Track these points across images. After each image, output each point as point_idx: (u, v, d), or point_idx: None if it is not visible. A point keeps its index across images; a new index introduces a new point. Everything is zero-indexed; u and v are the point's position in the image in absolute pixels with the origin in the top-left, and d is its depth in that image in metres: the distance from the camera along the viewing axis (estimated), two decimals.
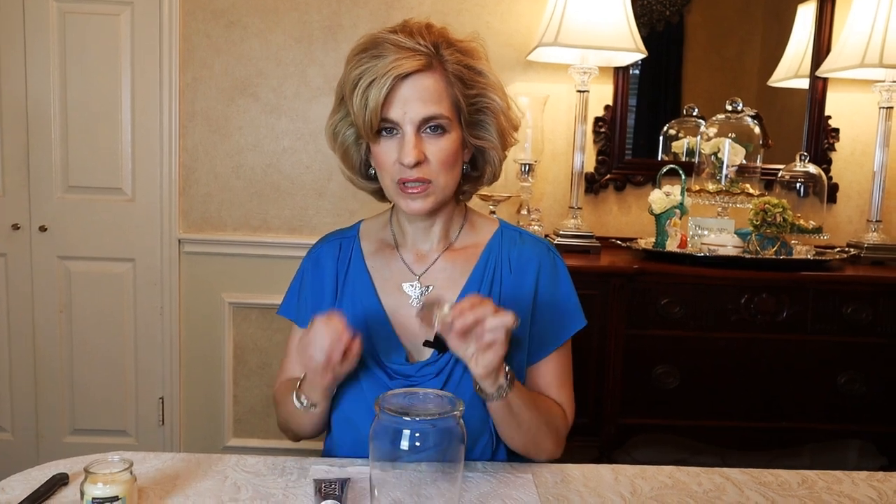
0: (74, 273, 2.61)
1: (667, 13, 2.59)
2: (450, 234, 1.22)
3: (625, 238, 2.49)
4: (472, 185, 1.22)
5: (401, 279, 1.19)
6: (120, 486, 0.86)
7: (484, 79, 1.12)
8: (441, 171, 1.09)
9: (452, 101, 1.09)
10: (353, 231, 1.28)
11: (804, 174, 2.42)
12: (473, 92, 1.11)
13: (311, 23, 2.54)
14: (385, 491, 0.90)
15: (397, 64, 1.03)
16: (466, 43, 1.12)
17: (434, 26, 1.11)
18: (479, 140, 1.14)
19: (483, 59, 1.13)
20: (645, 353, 2.16)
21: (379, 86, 1.03)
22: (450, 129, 1.09)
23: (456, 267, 1.19)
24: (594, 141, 2.59)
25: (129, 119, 2.54)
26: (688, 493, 1.04)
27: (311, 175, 2.60)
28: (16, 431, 2.67)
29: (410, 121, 1.06)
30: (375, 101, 1.03)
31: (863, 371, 2.16)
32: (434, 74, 1.07)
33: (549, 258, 1.21)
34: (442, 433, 0.88)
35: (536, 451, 1.15)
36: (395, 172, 1.09)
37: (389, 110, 1.05)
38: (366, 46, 1.07)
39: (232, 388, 2.68)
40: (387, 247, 1.23)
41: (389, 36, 1.06)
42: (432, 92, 1.06)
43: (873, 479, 1.11)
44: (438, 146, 1.08)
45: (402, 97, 1.05)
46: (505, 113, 1.14)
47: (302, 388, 1.11)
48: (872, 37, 2.26)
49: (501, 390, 1.02)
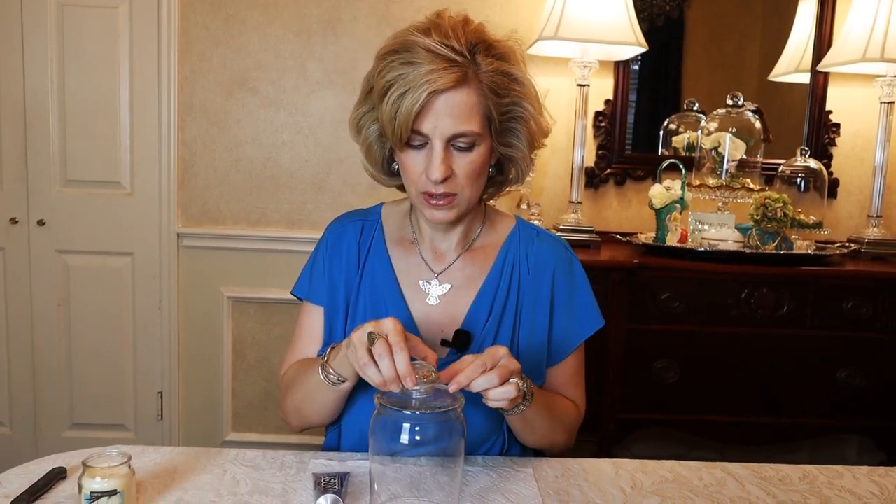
0: (73, 267, 2.60)
1: (667, 8, 2.58)
2: (470, 234, 1.21)
3: (625, 233, 2.48)
4: (497, 188, 1.20)
5: (418, 275, 1.18)
6: (118, 480, 0.86)
7: (519, 86, 1.08)
8: (467, 184, 1.07)
9: (484, 113, 1.05)
10: (375, 214, 1.25)
11: (805, 169, 2.41)
12: (507, 100, 1.07)
13: (310, 16, 2.53)
14: (385, 485, 0.89)
15: (432, 77, 0.98)
16: (504, 44, 1.08)
17: (470, 23, 1.07)
18: (509, 148, 1.12)
19: (520, 62, 1.09)
20: (645, 348, 2.15)
21: (412, 99, 0.99)
22: (479, 143, 1.06)
23: (475, 266, 1.19)
24: (594, 135, 2.59)
25: (127, 112, 2.53)
26: (688, 488, 1.04)
27: (311, 169, 2.59)
28: (14, 426, 2.67)
29: (440, 136, 1.03)
30: (407, 113, 1.00)
31: (863, 366, 2.16)
32: (468, 88, 1.02)
33: (566, 258, 1.21)
34: (442, 427, 0.87)
35: (550, 447, 1.17)
36: (421, 184, 1.07)
37: (421, 123, 1.02)
38: (397, 48, 1.03)
39: (231, 382, 2.68)
40: (406, 240, 1.21)
41: (423, 40, 1.01)
42: (464, 107, 1.02)
43: (874, 475, 1.11)
44: (466, 160, 1.05)
45: (434, 111, 1.01)
46: (536, 120, 1.11)
47: (330, 363, 1.04)
48: (874, 31, 2.25)
49: (518, 409, 1.02)
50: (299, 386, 1.13)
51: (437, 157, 1.03)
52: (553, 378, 1.20)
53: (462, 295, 1.17)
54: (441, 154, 1.03)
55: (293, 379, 1.16)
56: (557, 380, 1.20)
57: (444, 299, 1.16)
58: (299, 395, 1.13)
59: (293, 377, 1.17)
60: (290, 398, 1.16)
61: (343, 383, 1.04)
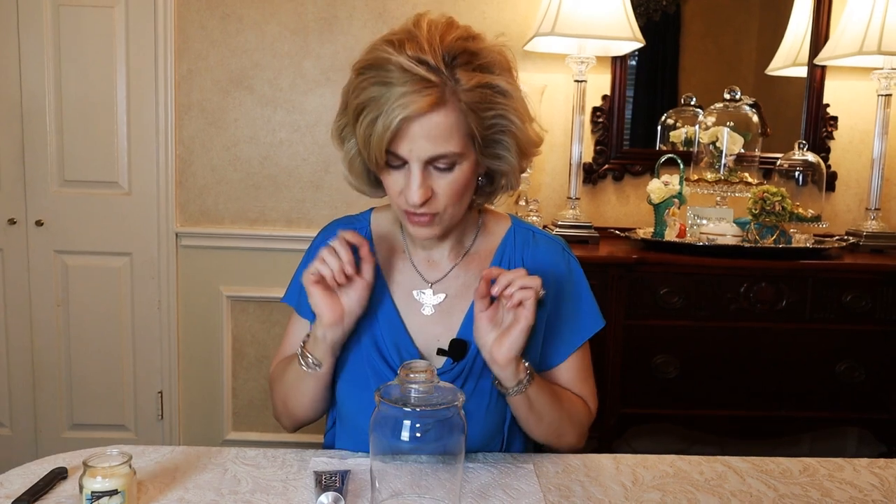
0: (71, 267, 2.60)
1: (663, 3, 2.58)
2: (464, 241, 1.18)
3: (623, 228, 2.48)
4: (487, 197, 1.14)
5: (412, 285, 1.15)
6: (119, 480, 0.86)
7: (505, 98, 1.00)
8: (450, 203, 1.03)
9: (465, 132, 0.99)
10: (364, 221, 1.22)
11: (803, 163, 2.41)
12: (491, 114, 1.00)
13: (307, 14, 2.52)
14: (386, 482, 0.90)
15: (405, 101, 0.93)
16: (488, 52, 1.00)
17: (451, 31, 0.98)
18: (497, 160, 1.06)
19: (507, 70, 1.02)
20: (644, 343, 2.16)
21: (384, 124, 0.94)
22: (461, 162, 1.00)
23: (469, 273, 1.16)
24: (592, 131, 2.58)
25: (124, 112, 2.52)
26: (689, 482, 1.04)
27: (308, 167, 2.59)
28: (14, 426, 2.67)
29: (417, 159, 0.97)
30: (380, 139, 0.95)
31: (862, 359, 2.16)
32: (445, 109, 0.95)
33: (564, 260, 1.19)
34: (442, 424, 0.87)
35: (558, 442, 1.15)
36: (402, 203, 1.03)
37: (396, 146, 0.97)
38: (371, 63, 0.97)
39: (231, 381, 2.68)
40: (397, 248, 1.18)
41: (396, 57, 0.94)
42: (442, 129, 0.96)
43: (874, 466, 1.11)
44: (447, 180, 1.01)
45: (409, 135, 0.96)
46: (524, 131, 1.04)
47: (307, 347, 1.08)
48: (871, 24, 2.25)
49: (521, 385, 1.03)
50: (282, 379, 1.17)
51: (414, 181, 0.99)
52: (557, 377, 1.18)
53: (457, 303, 1.14)
54: (419, 177, 0.98)
55: (277, 375, 1.20)
56: (563, 378, 1.18)
57: (439, 308, 1.14)
58: (284, 388, 1.17)
59: (278, 374, 1.20)
60: (277, 393, 1.19)
61: (319, 368, 1.08)
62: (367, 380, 1.10)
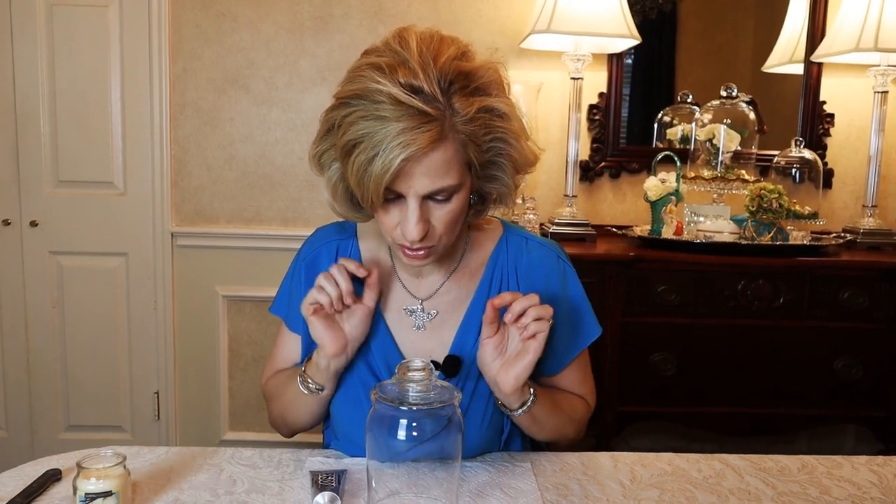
0: (66, 268, 2.59)
1: (659, 1, 2.58)
2: (454, 256, 1.14)
3: (620, 226, 2.48)
4: (477, 215, 1.09)
5: (401, 302, 1.13)
6: (113, 481, 0.85)
7: (503, 121, 0.96)
8: (445, 232, 0.99)
9: (463, 162, 0.95)
10: (350, 231, 1.18)
11: (799, 160, 2.41)
12: (489, 138, 0.96)
13: (302, 12, 2.51)
14: (382, 482, 0.89)
15: (404, 140, 0.87)
16: (483, 72, 0.95)
17: (444, 50, 0.92)
18: (492, 182, 1.03)
19: (502, 88, 0.98)
20: (642, 341, 2.15)
21: (383, 165, 0.88)
22: (459, 191, 0.97)
23: (460, 288, 1.13)
24: (588, 129, 2.58)
25: (119, 111, 2.51)
26: (687, 480, 1.04)
27: (304, 166, 2.58)
28: (10, 428, 2.66)
29: (416, 195, 0.93)
30: (378, 180, 0.89)
31: (859, 356, 2.16)
32: (445, 144, 0.91)
33: (558, 269, 1.15)
34: (439, 423, 0.86)
35: (559, 439, 1.16)
36: (398, 237, 0.99)
37: (394, 184, 0.92)
38: (358, 94, 0.90)
39: (227, 381, 2.67)
40: (384, 264, 1.14)
41: (388, 88, 0.87)
42: (442, 164, 0.91)
43: (873, 464, 1.10)
44: (444, 210, 0.97)
45: (408, 174, 0.91)
46: (522, 153, 1.01)
47: (307, 373, 1.07)
48: (867, 21, 2.25)
49: (526, 406, 1.02)
50: (280, 397, 1.15)
51: (412, 217, 0.94)
52: (557, 383, 1.17)
53: (448, 318, 1.12)
54: (417, 213, 0.94)
55: (274, 391, 1.18)
56: (561, 384, 1.17)
57: (430, 325, 1.12)
58: (281, 405, 1.16)
59: (274, 390, 1.19)
60: (274, 409, 1.19)
61: (321, 392, 1.07)
62: (358, 398, 1.09)
